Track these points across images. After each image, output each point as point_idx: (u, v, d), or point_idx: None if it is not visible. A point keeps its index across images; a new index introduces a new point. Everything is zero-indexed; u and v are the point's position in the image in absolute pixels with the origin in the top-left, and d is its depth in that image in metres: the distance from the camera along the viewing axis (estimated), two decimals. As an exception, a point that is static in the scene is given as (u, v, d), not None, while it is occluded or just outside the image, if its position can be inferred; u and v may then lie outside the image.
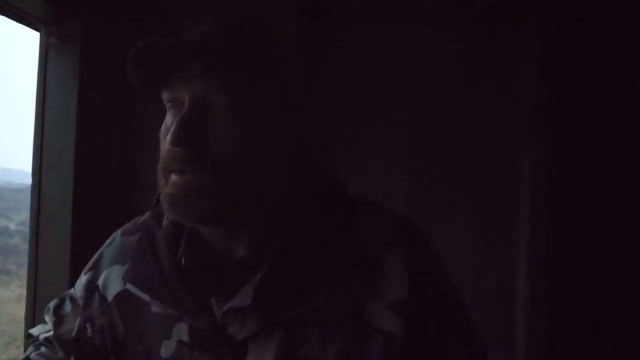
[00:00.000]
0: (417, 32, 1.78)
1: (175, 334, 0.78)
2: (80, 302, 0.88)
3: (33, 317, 1.64)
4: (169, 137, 0.71)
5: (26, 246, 1.72)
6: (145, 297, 0.81)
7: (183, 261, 0.78)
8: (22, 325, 1.69)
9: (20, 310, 1.82)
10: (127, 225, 0.90)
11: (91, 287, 0.87)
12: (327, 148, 1.76)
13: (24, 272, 1.76)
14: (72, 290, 0.92)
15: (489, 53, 1.74)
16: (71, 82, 1.66)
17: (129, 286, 0.83)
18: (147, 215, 0.88)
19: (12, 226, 2.41)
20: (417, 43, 1.78)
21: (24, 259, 1.74)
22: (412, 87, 1.77)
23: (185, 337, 0.77)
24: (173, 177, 0.72)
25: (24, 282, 1.72)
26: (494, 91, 1.74)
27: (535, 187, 1.67)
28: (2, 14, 1.55)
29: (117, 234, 0.90)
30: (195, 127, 0.70)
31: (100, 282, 0.87)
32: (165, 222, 0.82)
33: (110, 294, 0.85)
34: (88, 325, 0.86)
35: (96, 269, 0.88)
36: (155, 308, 0.80)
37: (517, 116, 1.71)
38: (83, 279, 0.90)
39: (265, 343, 0.73)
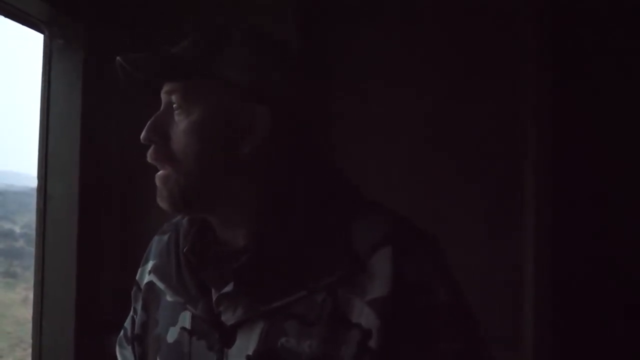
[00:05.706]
0: (416, 33, 1.77)
1: (180, 320, 0.84)
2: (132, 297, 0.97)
3: (40, 319, 1.64)
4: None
5: (31, 249, 1.72)
6: (161, 286, 0.87)
7: (185, 249, 0.83)
8: (27, 327, 1.70)
9: (25, 313, 1.83)
10: (164, 225, 0.97)
11: (136, 282, 0.96)
12: (330, 149, 1.75)
13: (29, 275, 1.77)
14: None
15: (489, 54, 1.74)
16: (75, 84, 1.66)
17: (152, 276, 0.90)
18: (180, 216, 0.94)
19: (17, 229, 2.41)
20: (417, 43, 1.77)
21: (29, 261, 1.75)
22: (412, 89, 1.76)
23: (188, 324, 0.83)
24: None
25: (29, 285, 1.72)
26: (495, 90, 1.73)
27: (540, 188, 1.66)
28: (6, 16, 1.55)
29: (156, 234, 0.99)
30: (162, 126, 0.79)
31: (138, 277, 0.96)
32: (185, 219, 0.88)
33: (142, 286, 0.94)
34: (135, 316, 0.95)
35: (141, 267, 0.97)
36: (169, 297, 0.86)
37: (519, 116, 1.71)
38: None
39: (250, 332, 0.77)
